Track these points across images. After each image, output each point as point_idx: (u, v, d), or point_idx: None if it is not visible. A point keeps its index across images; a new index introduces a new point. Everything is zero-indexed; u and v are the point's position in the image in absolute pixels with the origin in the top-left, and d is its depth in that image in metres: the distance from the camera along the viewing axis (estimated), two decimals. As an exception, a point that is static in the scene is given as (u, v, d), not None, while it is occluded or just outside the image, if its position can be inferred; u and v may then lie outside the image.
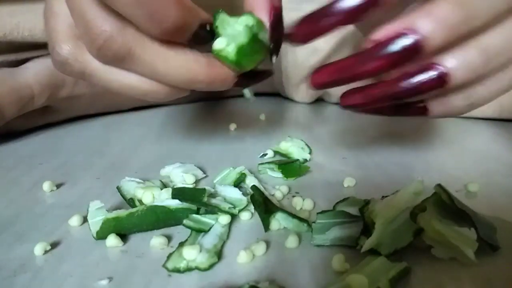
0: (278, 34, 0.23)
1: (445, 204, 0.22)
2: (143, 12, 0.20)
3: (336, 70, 0.21)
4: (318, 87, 0.23)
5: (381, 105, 0.23)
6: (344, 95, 0.23)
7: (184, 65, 0.23)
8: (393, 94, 0.21)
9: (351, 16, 0.19)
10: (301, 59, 0.45)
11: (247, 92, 0.28)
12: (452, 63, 0.19)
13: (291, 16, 0.23)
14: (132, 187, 0.27)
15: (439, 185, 0.23)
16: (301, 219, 0.23)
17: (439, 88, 0.20)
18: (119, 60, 0.22)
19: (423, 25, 0.18)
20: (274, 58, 0.26)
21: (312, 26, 0.21)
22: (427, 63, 0.20)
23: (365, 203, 0.23)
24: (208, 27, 0.23)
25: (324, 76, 0.22)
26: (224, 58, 0.23)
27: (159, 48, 0.22)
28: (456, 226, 0.20)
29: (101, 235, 0.22)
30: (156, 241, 0.22)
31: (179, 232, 0.23)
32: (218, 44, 0.23)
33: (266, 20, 0.23)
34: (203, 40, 0.23)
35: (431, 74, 0.20)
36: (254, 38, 0.23)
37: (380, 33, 0.19)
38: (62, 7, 0.22)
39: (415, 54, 0.19)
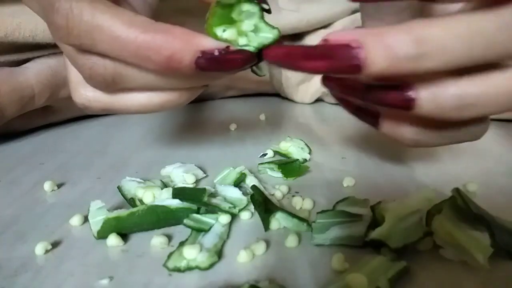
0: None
1: (460, 208, 0.22)
2: (129, 53, 0.20)
3: (284, 54, 0.20)
4: (269, 62, 0.21)
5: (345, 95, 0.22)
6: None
7: None
8: (359, 93, 0.20)
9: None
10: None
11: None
12: (424, 94, 0.19)
13: (290, 18, 0.22)
14: (132, 186, 0.27)
15: (456, 189, 0.23)
16: (301, 219, 0.23)
17: (401, 110, 0.19)
18: (112, 83, 0.22)
19: (371, 47, 0.17)
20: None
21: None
22: (405, 82, 0.19)
23: (377, 203, 0.23)
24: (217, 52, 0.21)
25: (274, 53, 0.20)
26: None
27: None
28: (471, 230, 0.20)
29: (102, 235, 0.22)
30: (156, 240, 0.22)
31: (180, 232, 0.23)
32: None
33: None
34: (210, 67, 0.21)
35: (401, 94, 0.19)
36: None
37: (334, 36, 0.18)
38: None
39: (353, 71, 0.18)
